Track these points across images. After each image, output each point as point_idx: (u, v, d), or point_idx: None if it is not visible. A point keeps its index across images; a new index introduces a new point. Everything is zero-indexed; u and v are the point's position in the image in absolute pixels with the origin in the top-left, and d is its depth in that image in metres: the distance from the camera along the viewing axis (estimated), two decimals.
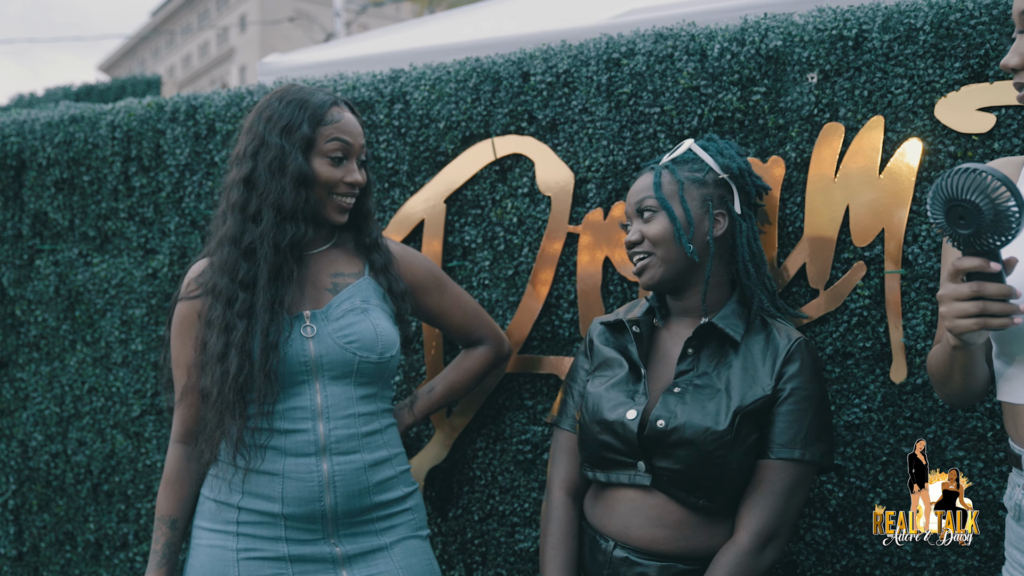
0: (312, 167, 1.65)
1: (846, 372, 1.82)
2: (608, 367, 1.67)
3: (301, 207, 1.63)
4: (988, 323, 1.15)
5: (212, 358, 1.61)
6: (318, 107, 1.66)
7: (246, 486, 1.63)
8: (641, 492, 1.57)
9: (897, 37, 1.78)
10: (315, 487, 1.61)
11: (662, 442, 1.53)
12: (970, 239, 1.15)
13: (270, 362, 1.59)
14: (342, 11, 13.25)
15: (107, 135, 2.50)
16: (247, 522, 1.64)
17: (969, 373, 1.30)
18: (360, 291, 1.72)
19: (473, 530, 2.14)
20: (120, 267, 2.51)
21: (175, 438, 1.74)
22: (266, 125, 1.65)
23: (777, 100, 1.88)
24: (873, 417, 1.80)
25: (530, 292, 2.06)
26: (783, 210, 1.87)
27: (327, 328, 1.65)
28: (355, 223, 1.78)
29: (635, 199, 1.67)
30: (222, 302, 1.62)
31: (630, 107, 1.99)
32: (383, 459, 1.69)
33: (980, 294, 1.15)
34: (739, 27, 1.93)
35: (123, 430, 2.51)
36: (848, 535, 1.83)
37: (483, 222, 2.13)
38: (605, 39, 2.04)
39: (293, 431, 1.62)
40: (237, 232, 1.63)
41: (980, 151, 1.72)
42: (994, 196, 1.11)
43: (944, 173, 1.17)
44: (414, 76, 2.21)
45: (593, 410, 1.62)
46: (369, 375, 1.68)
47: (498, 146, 2.10)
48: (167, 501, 1.72)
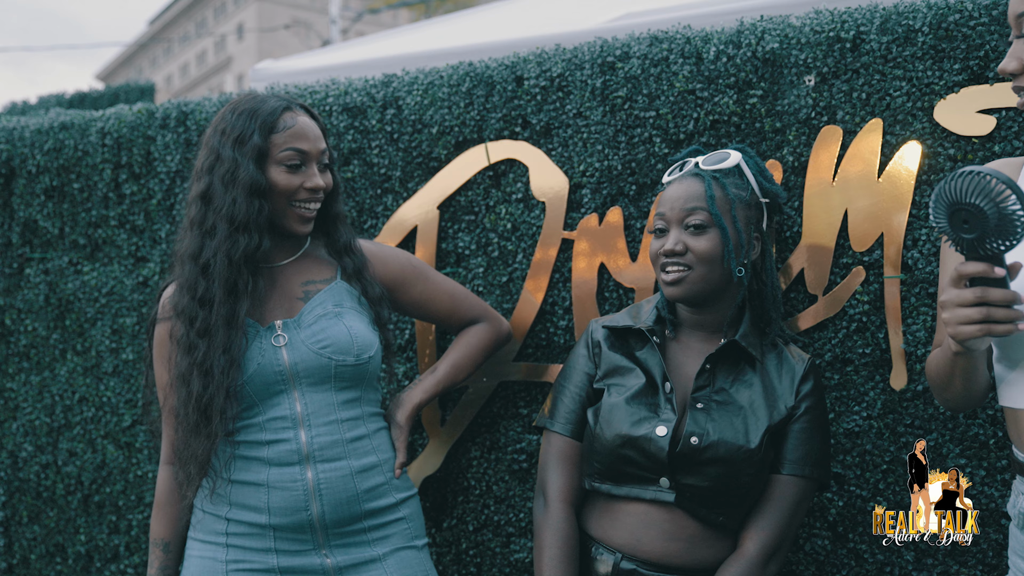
0: (268, 176, 1.61)
1: (845, 379, 1.80)
2: (619, 375, 1.62)
3: (255, 217, 1.59)
4: (992, 329, 1.13)
5: (178, 379, 1.60)
6: (268, 115, 1.62)
7: (232, 497, 1.61)
8: (656, 508, 1.53)
9: (895, 39, 1.76)
10: (300, 496, 1.59)
11: (693, 459, 1.50)
12: (974, 243, 1.13)
13: (230, 379, 1.57)
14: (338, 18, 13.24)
15: (97, 142, 2.48)
16: (236, 533, 1.62)
17: (969, 379, 1.27)
18: (332, 295, 1.69)
19: (468, 540, 2.11)
20: (111, 275, 2.48)
21: (163, 460, 1.73)
22: (220, 138, 1.62)
23: (774, 103, 1.86)
24: (873, 424, 1.78)
25: (525, 299, 2.03)
26: (780, 215, 1.84)
27: (299, 335, 1.63)
28: (324, 228, 1.75)
29: (683, 207, 1.58)
30: (185, 321, 1.61)
31: (625, 111, 1.96)
32: (372, 465, 1.66)
33: (984, 299, 1.13)
34: (735, 29, 1.91)
35: (114, 440, 2.47)
36: (848, 544, 1.80)
37: (477, 228, 2.10)
38: (599, 42, 2.02)
39: (275, 441, 1.60)
40: (196, 248, 1.61)
41: (980, 154, 1.69)
42: (998, 200, 1.09)
43: (947, 177, 1.15)
44: (407, 81, 2.19)
45: (613, 423, 1.55)
46: (348, 379, 1.65)
47: (492, 151, 2.07)
48: (158, 524, 1.71)
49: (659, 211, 1.62)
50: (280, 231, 1.67)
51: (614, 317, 1.71)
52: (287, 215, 1.64)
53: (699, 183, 1.60)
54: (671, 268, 1.58)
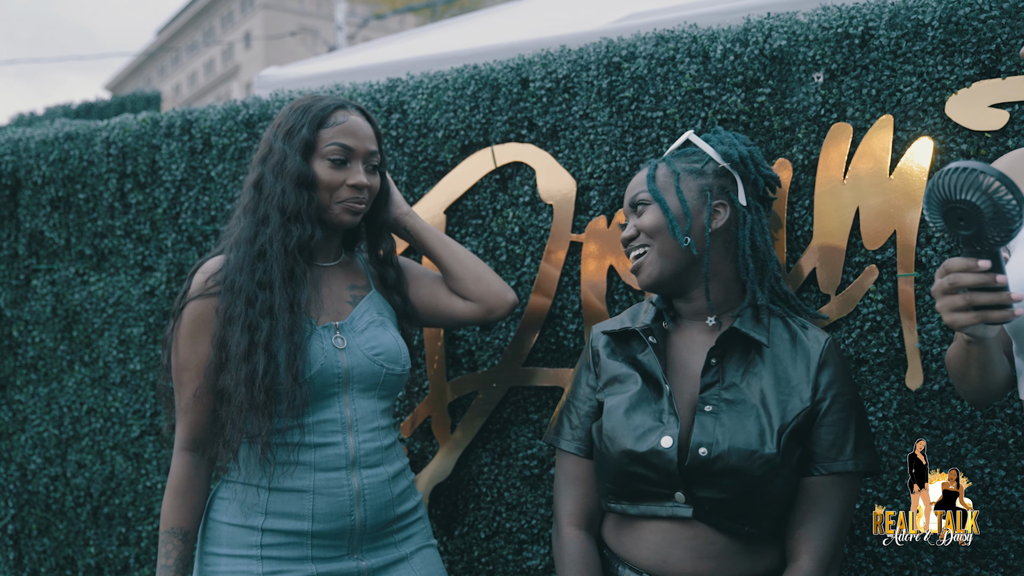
0: (313, 169, 1.63)
1: (860, 379, 1.77)
2: (620, 383, 1.54)
3: (304, 208, 1.61)
4: (987, 316, 1.12)
5: (236, 357, 1.54)
6: (321, 111, 1.65)
7: (270, 506, 1.58)
8: (679, 523, 1.45)
9: (905, 34, 1.73)
10: (346, 502, 1.59)
11: (705, 471, 1.41)
12: (972, 240, 1.11)
13: (296, 364, 1.55)
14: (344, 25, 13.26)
15: (102, 152, 2.47)
16: (272, 544, 1.58)
17: (985, 369, 1.25)
18: (375, 304, 1.72)
19: (480, 548, 2.09)
20: (117, 285, 2.47)
21: (182, 446, 1.65)
22: (275, 132, 1.66)
23: (783, 101, 1.83)
24: (889, 425, 1.75)
25: (533, 303, 2.01)
26: (791, 214, 1.82)
27: (355, 340, 1.64)
28: (370, 234, 1.77)
29: (630, 195, 1.60)
30: (243, 300, 1.57)
31: (632, 111, 1.94)
32: (400, 470, 1.69)
33: (957, 284, 1.12)
34: (742, 27, 1.88)
35: (123, 451, 2.46)
36: (866, 548, 1.77)
37: (484, 232, 2.08)
38: (605, 43, 2.00)
39: (324, 444, 1.59)
40: (251, 234, 1.61)
41: (994, 148, 1.66)
42: (992, 193, 1.07)
43: (936, 174, 1.13)
44: (411, 85, 2.17)
45: (616, 440, 1.47)
46: (390, 388, 1.68)
47: (498, 154, 2.05)
48: (177, 512, 1.62)
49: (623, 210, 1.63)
50: (324, 224, 1.67)
51: (613, 320, 1.65)
52: (331, 208, 1.65)
53: (646, 168, 1.61)
54: (632, 255, 1.57)
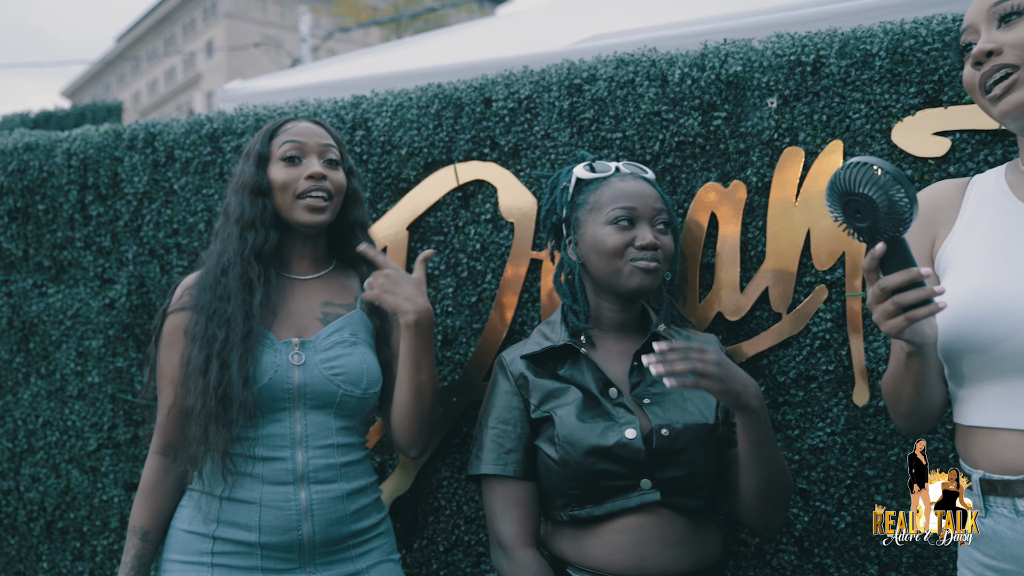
0: (268, 175, 1.72)
1: (809, 395, 1.82)
2: (557, 397, 1.60)
3: (259, 215, 1.69)
4: (913, 315, 1.14)
5: (195, 371, 1.62)
6: (273, 125, 1.77)
7: (222, 515, 1.61)
8: (645, 514, 1.51)
9: (854, 63, 1.80)
10: (292, 516, 1.60)
11: (669, 451, 1.52)
12: (869, 231, 1.16)
13: (247, 366, 1.59)
14: (308, 37, 13.23)
15: (63, 163, 2.46)
16: (222, 552, 1.61)
17: (921, 385, 1.28)
18: (351, 324, 1.73)
19: (439, 561, 2.10)
20: (76, 297, 2.46)
21: (155, 449, 1.73)
22: (239, 159, 1.79)
23: (738, 125, 1.89)
24: (837, 440, 1.80)
25: (494, 319, 2.04)
26: (745, 234, 1.87)
27: (315, 358, 1.66)
28: (342, 235, 1.81)
29: (653, 205, 1.65)
30: (204, 316, 1.65)
31: (592, 132, 1.99)
32: (360, 488, 1.69)
33: (886, 288, 1.15)
34: (699, 53, 1.94)
35: (79, 465, 2.44)
36: (814, 559, 1.82)
37: (446, 249, 2.11)
38: (567, 65, 2.04)
39: (272, 459, 1.62)
40: (218, 255, 1.70)
41: (936, 174, 1.73)
42: (886, 187, 1.13)
43: (837, 169, 1.18)
44: (376, 103, 2.20)
45: (578, 441, 1.52)
46: (350, 408, 1.68)
47: (460, 172, 2.09)
48: (141, 512, 1.69)
49: (625, 204, 1.63)
50: (297, 235, 1.75)
51: (526, 344, 1.69)
52: (294, 208, 1.71)
53: (651, 187, 1.68)
54: (647, 260, 1.60)
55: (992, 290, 1.21)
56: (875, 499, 1.77)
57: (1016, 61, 1.21)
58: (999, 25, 1.24)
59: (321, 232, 1.77)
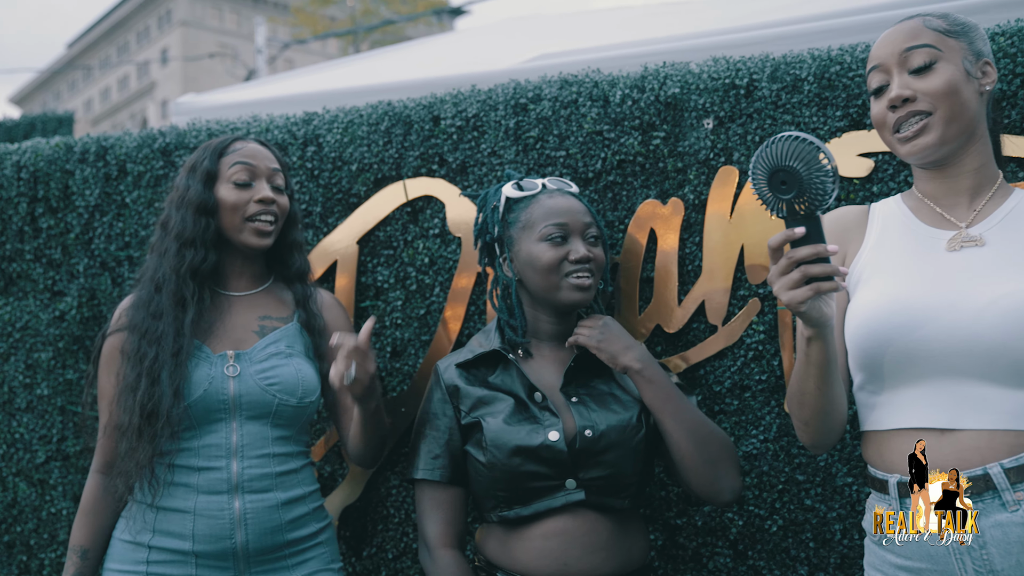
0: (216, 195, 1.73)
1: (744, 404, 1.91)
2: (487, 404, 1.66)
3: (201, 234, 1.71)
4: (819, 287, 1.20)
5: (126, 389, 1.66)
6: (220, 143, 1.78)
7: (157, 524, 1.64)
8: (570, 517, 1.57)
9: (784, 87, 1.89)
10: (226, 525, 1.63)
11: (591, 451, 1.58)
12: (792, 202, 1.21)
13: (176, 380, 1.63)
14: (264, 48, 13.20)
15: (12, 176, 2.46)
16: (157, 561, 1.64)
17: (824, 380, 1.32)
18: (287, 336, 1.76)
19: (387, 568, 2.14)
20: (25, 310, 2.46)
21: (95, 468, 1.76)
22: (181, 173, 1.79)
23: (676, 144, 1.97)
24: (769, 447, 1.89)
25: (441, 331, 2.10)
26: (683, 250, 1.95)
27: (250, 369, 1.69)
28: (280, 255, 1.84)
29: (583, 220, 1.70)
30: (137, 334, 1.68)
31: (537, 150, 2.06)
32: (297, 497, 1.72)
33: (794, 259, 1.21)
34: (640, 75, 2.02)
35: (26, 478, 2.44)
36: (748, 562, 1.90)
37: (395, 262, 2.16)
38: (513, 85, 2.11)
39: (207, 468, 1.65)
40: (153, 271, 1.72)
41: (861, 194, 1.83)
42: (812, 161, 1.19)
43: (767, 141, 1.23)
44: (327, 119, 2.24)
45: (504, 444, 1.59)
46: (286, 418, 1.71)
47: (409, 188, 2.14)
48: (80, 530, 1.73)
49: (556, 221, 1.68)
50: (238, 254, 1.77)
51: (458, 354, 1.76)
52: (242, 230, 1.74)
53: (579, 202, 1.74)
54: (583, 274, 1.66)
55: (911, 299, 1.30)
56: (804, 503, 1.86)
57: (928, 108, 1.32)
58: (911, 72, 1.33)
59: (261, 251, 1.81)
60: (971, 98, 1.33)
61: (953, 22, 1.37)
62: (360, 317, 2.19)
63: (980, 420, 1.25)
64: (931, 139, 1.33)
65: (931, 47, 1.33)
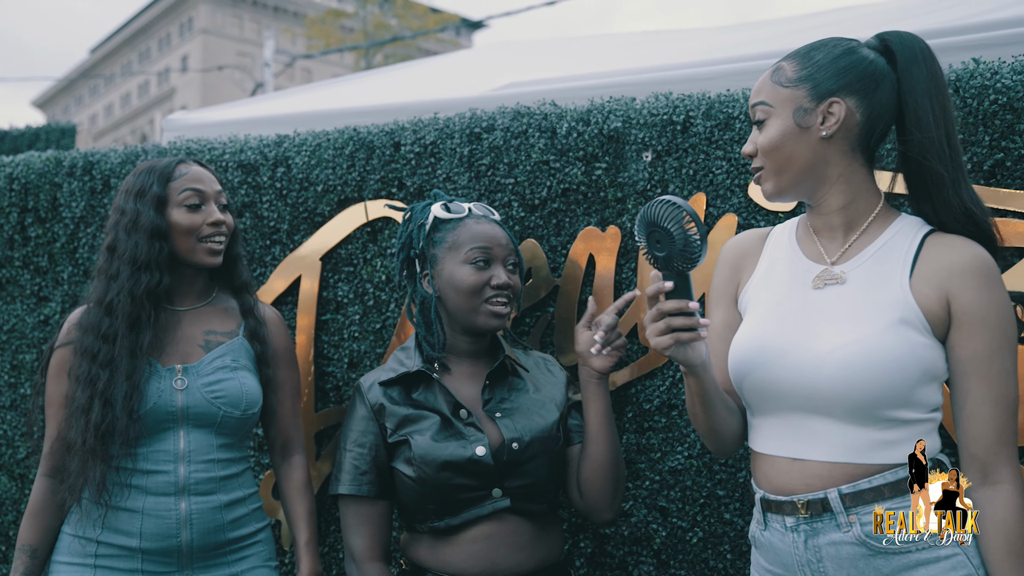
0: (168, 220, 1.82)
1: (671, 422, 2.02)
2: (412, 422, 1.74)
3: (155, 257, 1.80)
4: (679, 337, 1.32)
5: (76, 411, 1.75)
6: (164, 167, 1.86)
7: (106, 522, 1.76)
8: (495, 522, 1.69)
9: (718, 124, 2.02)
10: (172, 524, 1.75)
11: (517, 462, 1.70)
12: (664, 260, 1.33)
13: (132, 403, 1.74)
14: (271, 62, 13.44)
15: (5, 186, 2.61)
16: (105, 555, 1.76)
17: (706, 406, 1.44)
18: (232, 351, 1.88)
19: (338, 567, 2.27)
20: (12, 313, 2.60)
21: (43, 472, 1.85)
22: (124, 197, 1.85)
23: (616, 175, 2.10)
24: (693, 463, 2.00)
25: (395, 344, 2.22)
26: (619, 274, 2.08)
27: (197, 382, 1.81)
28: (225, 267, 1.95)
29: (506, 246, 1.81)
30: (87, 358, 1.77)
31: (488, 177, 2.19)
32: (238, 499, 1.84)
33: (662, 311, 1.33)
34: (586, 108, 2.15)
35: (8, 472, 2.58)
36: (670, 571, 2.01)
37: (355, 279, 2.30)
38: (469, 114, 2.24)
39: (155, 472, 1.77)
40: (102, 293, 1.81)
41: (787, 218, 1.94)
42: (685, 226, 1.30)
43: (650, 201, 1.36)
44: (297, 142, 2.38)
45: (432, 460, 1.68)
46: (230, 427, 1.84)
47: (370, 209, 2.28)
48: (29, 531, 1.82)
49: (482, 245, 1.78)
50: (186, 271, 1.87)
51: (381, 371, 1.83)
52: (196, 251, 1.84)
53: (502, 230, 1.84)
54: (501, 300, 1.77)
55: (773, 339, 1.41)
56: (724, 516, 1.97)
57: (760, 164, 1.43)
58: (756, 124, 1.44)
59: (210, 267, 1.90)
60: (802, 147, 1.39)
61: (801, 67, 1.40)
62: (321, 329, 2.32)
63: (823, 452, 1.36)
64: (767, 188, 1.44)
65: (764, 104, 1.42)
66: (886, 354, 1.30)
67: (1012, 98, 1.76)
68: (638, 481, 2.04)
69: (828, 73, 1.39)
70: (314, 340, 2.32)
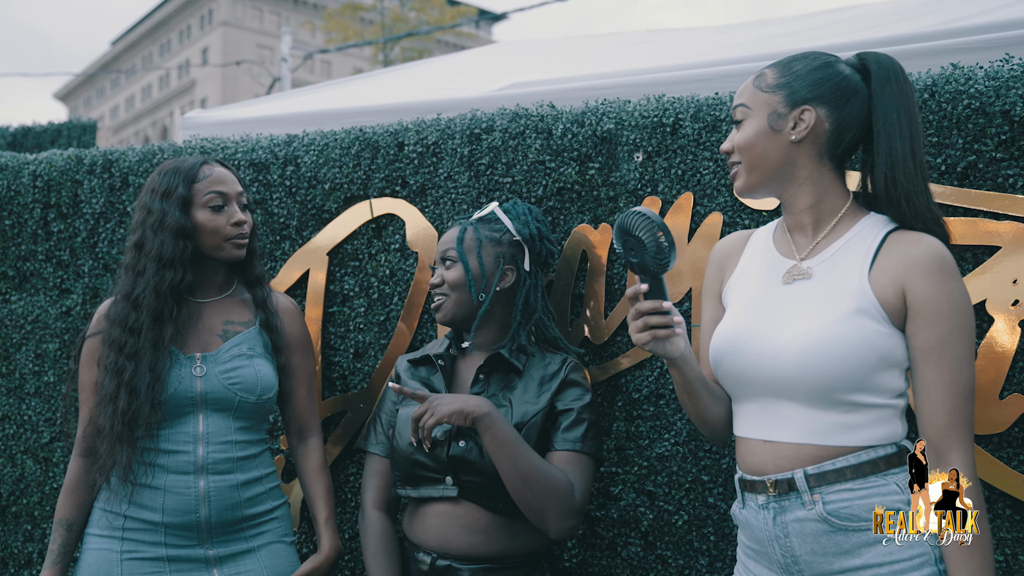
0: (193, 220, 1.94)
1: (658, 411, 2.12)
2: None
3: (180, 255, 1.91)
4: (656, 334, 1.45)
5: (105, 398, 1.88)
6: (189, 169, 1.97)
7: (133, 498, 1.89)
8: (451, 504, 1.83)
9: (705, 126, 2.10)
10: (192, 501, 1.88)
11: (465, 460, 1.80)
12: (639, 266, 1.46)
13: (155, 392, 1.86)
14: (288, 56, 13.58)
15: (29, 183, 2.74)
16: (132, 528, 1.89)
17: (691, 395, 1.57)
18: (248, 339, 2.00)
19: (345, 547, 2.38)
20: (36, 305, 2.73)
21: (77, 452, 2.00)
22: (150, 196, 1.96)
23: (608, 175, 2.19)
24: (679, 450, 2.10)
25: (398, 335, 2.33)
26: (610, 270, 2.17)
27: (215, 370, 1.93)
28: (243, 262, 2.07)
29: (441, 248, 1.98)
30: (114, 349, 1.90)
31: (487, 176, 2.29)
32: (255, 478, 1.96)
33: (639, 311, 1.46)
34: (580, 111, 2.24)
35: (33, 455, 2.71)
36: (657, 551, 2.11)
37: (360, 273, 2.41)
38: (469, 115, 2.34)
39: (176, 452, 1.90)
40: (128, 288, 1.92)
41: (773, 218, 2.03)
42: (655, 235, 1.43)
43: (623, 213, 1.47)
44: (305, 142, 2.49)
45: (404, 435, 1.87)
46: (247, 412, 1.96)
47: (375, 207, 2.38)
48: (65, 506, 1.97)
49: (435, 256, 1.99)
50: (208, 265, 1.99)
51: (419, 351, 2.05)
52: (223, 248, 1.97)
53: (456, 229, 1.98)
54: (436, 297, 1.97)
55: (743, 330, 1.51)
56: (708, 501, 2.06)
57: (736, 159, 1.55)
58: (735, 123, 1.54)
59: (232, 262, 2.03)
60: (773, 148, 1.50)
61: (780, 75, 1.51)
62: (328, 321, 2.44)
63: (790, 435, 1.47)
64: (739, 184, 1.56)
65: (743, 106, 1.53)
66: (840, 340, 1.40)
67: (984, 103, 1.83)
68: (627, 467, 2.14)
69: (804, 83, 1.50)
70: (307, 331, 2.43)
